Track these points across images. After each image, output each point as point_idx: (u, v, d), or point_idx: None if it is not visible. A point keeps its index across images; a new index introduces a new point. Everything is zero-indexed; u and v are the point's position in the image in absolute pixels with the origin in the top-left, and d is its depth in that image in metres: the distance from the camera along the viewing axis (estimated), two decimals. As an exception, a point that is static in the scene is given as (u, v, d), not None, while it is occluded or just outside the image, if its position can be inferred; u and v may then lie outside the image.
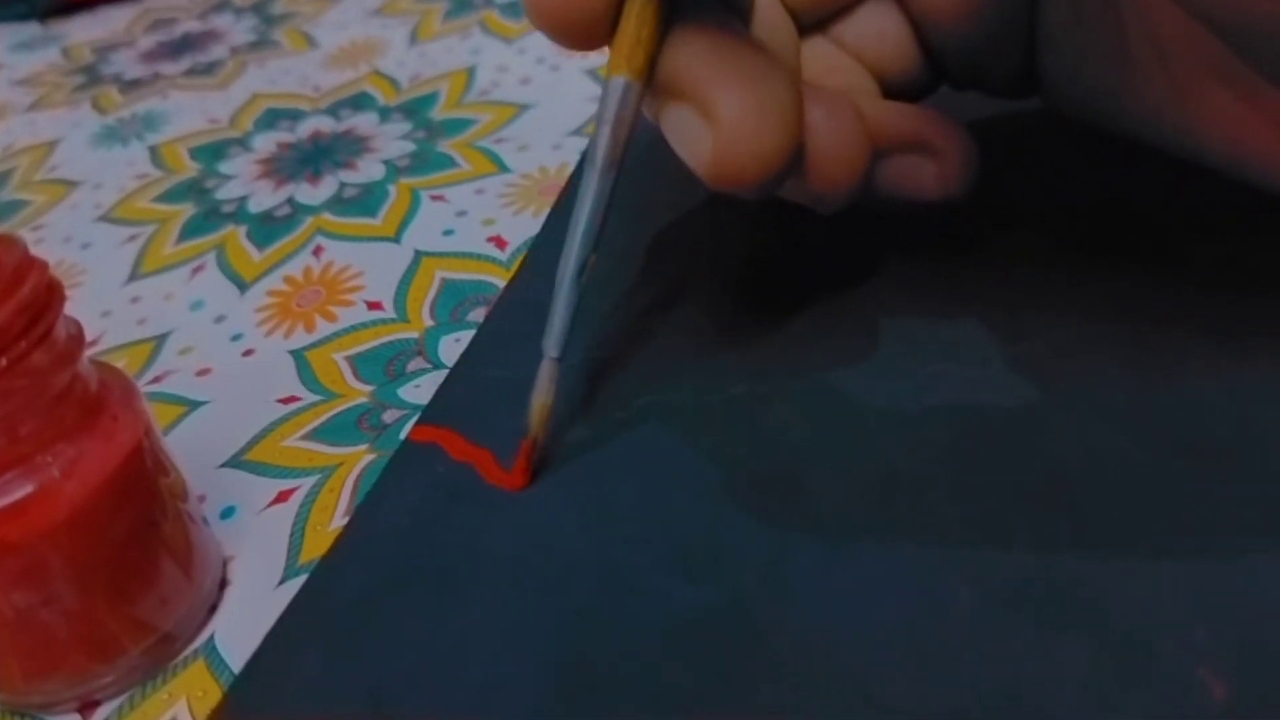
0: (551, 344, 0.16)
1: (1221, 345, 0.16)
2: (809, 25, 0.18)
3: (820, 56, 0.18)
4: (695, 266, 0.20)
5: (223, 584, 0.16)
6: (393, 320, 0.21)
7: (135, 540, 0.15)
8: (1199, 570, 0.13)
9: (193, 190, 0.27)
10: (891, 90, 0.18)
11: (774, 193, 0.15)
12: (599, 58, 0.29)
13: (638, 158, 0.15)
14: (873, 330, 0.18)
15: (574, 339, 0.16)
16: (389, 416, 0.19)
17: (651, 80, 0.15)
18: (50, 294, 0.14)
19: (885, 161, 0.17)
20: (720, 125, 0.14)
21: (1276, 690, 0.12)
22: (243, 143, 0.29)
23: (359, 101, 0.30)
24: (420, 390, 0.19)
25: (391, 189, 0.25)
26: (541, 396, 0.16)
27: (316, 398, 0.19)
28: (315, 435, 0.19)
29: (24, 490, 0.13)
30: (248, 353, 0.21)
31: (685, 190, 0.21)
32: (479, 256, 0.22)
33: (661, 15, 0.14)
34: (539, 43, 0.31)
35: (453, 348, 0.20)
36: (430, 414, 0.18)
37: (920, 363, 0.17)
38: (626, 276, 0.20)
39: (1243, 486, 0.14)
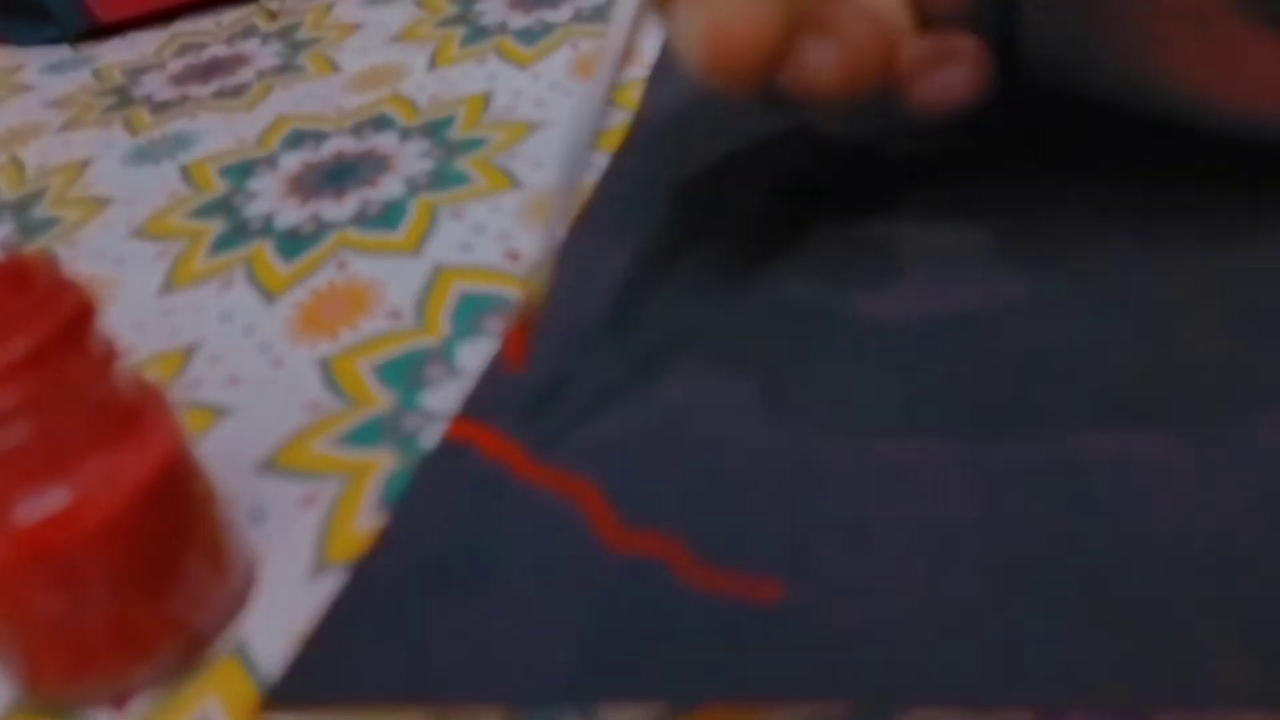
0: (558, 219, 0.17)
1: (1222, 320, 0.17)
2: None
3: None
4: (706, 213, 0.22)
5: (253, 585, 0.17)
6: (413, 329, 0.22)
7: (169, 545, 0.15)
8: (1210, 557, 0.14)
9: (222, 207, 0.28)
10: None
11: (765, 90, 0.17)
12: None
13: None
14: (883, 304, 0.19)
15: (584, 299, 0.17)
16: (410, 422, 0.19)
17: None
18: (85, 311, 0.14)
19: (925, 76, 0.19)
20: (711, 8, 0.16)
21: None
22: (269, 162, 0.30)
23: (380, 122, 0.31)
24: (441, 398, 0.20)
25: (412, 205, 0.26)
26: (541, 271, 0.17)
27: (341, 405, 0.20)
28: (341, 441, 0.19)
29: (62, 500, 0.14)
30: (275, 362, 0.22)
31: (699, 145, 0.23)
32: (496, 269, 0.23)
33: None
34: (552, 68, 0.32)
35: (470, 355, 0.21)
36: (464, 413, 0.19)
37: (933, 341, 0.18)
38: (640, 228, 0.21)
39: (1252, 469, 0.14)
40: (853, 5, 0.18)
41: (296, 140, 0.31)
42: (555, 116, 0.29)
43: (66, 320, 0.14)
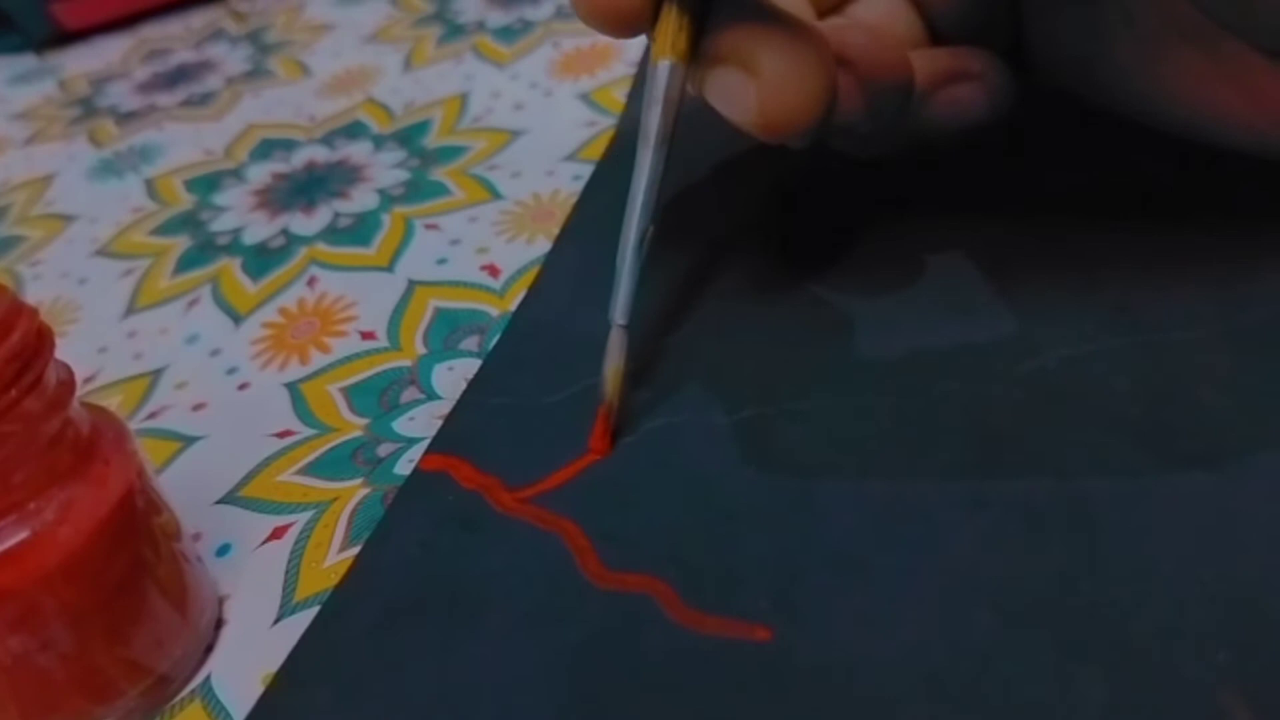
0: (619, 312, 0.17)
1: (1229, 344, 0.16)
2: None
3: (875, 4, 0.20)
4: (714, 250, 0.21)
5: (219, 623, 0.16)
6: (386, 349, 0.21)
7: (130, 582, 0.15)
8: (1222, 590, 0.13)
9: (188, 223, 0.27)
10: None
11: (817, 139, 0.17)
12: (590, 82, 0.30)
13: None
14: (884, 332, 0.18)
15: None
16: (383, 450, 0.19)
17: (694, 58, 0.16)
18: (40, 341, 0.14)
19: (938, 93, 0.18)
20: (763, 76, 0.15)
21: None
22: (237, 174, 0.29)
23: (353, 130, 0.30)
24: (414, 423, 0.19)
25: (385, 218, 0.25)
26: (614, 362, 0.17)
27: (311, 431, 0.19)
28: (310, 470, 0.19)
29: (18, 537, 0.13)
30: (243, 386, 0.21)
31: (700, 171, 0.23)
32: (472, 285, 0.22)
33: (696, 2, 0.16)
34: (531, 68, 0.31)
35: (445, 376, 0.20)
36: (439, 443, 0.18)
37: (933, 375, 0.17)
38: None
39: (1265, 497, 0.14)
40: (860, 27, 0.18)
41: (266, 150, 0.30)
42: (534, 123, 0.28)
43: (21, 353, 0.13)
